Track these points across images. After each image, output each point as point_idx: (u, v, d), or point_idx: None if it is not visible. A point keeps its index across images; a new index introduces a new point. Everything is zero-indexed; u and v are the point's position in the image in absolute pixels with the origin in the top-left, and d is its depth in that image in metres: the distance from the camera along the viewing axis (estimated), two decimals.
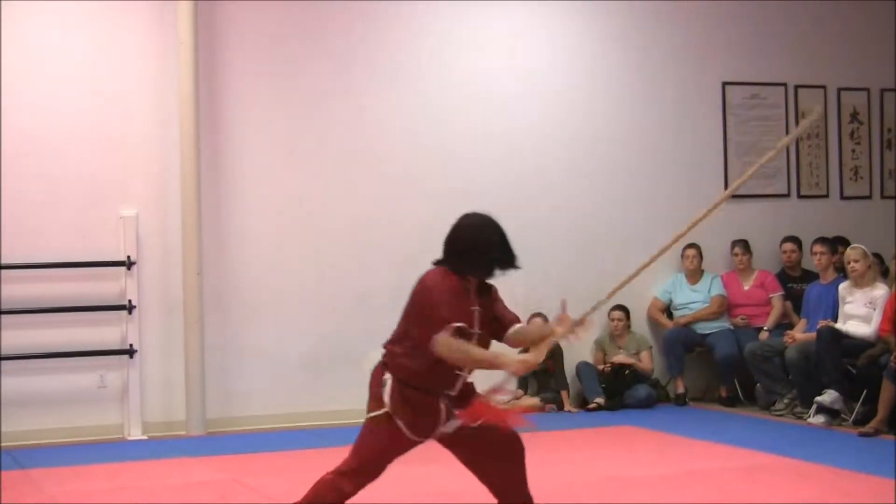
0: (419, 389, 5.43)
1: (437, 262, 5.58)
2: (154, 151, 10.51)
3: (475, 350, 5.36)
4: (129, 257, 10.32)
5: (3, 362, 9.89)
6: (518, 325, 5.65)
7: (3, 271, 9.93)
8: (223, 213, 10.69)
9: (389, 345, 5.58)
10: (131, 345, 10.31)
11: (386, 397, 5.46)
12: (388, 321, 5.69)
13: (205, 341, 10.41)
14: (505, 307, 5.68)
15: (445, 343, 5.25)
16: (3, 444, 9.60)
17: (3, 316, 9.91)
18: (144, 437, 10.22)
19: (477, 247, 5.47)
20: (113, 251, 10.31)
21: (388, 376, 5.47)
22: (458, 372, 5.44)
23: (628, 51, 12.02)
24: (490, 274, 5.54)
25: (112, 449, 9.79)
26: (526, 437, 5.65)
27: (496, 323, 5.59)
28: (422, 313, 5.40)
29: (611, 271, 10.13)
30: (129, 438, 10.21)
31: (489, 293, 5.61)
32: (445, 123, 11.39)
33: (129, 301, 10.29)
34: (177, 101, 10.38)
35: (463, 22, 11.50)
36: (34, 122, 10.18)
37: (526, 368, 5.45)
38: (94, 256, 10.24)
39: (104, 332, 10.30)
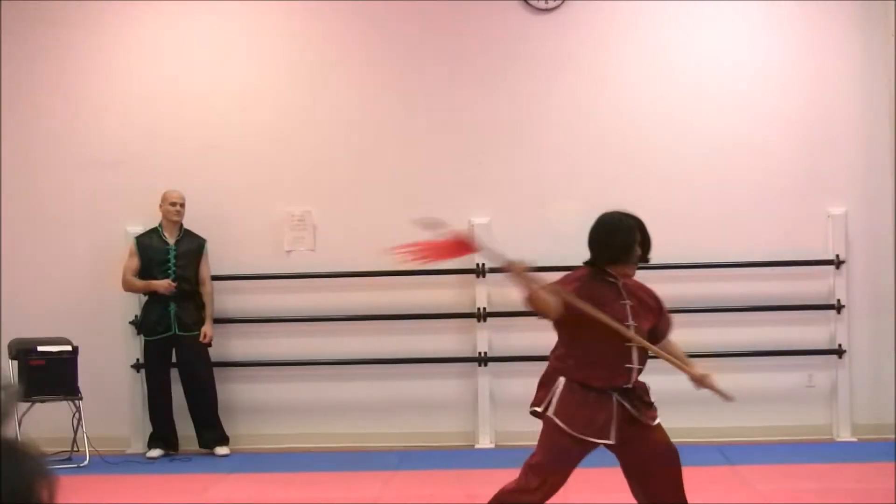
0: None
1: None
2: (862, 148, 10.24)
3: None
4: (837, 256, 10.13)
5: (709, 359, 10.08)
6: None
7: (717, 269, 10.14)
8: None
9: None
10: (840, 345, 10.13)
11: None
12: None
13: None
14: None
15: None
16: (713, 440, 9.82)
17: (715, 314, 10.11)
18: (853, 439, 9.99)
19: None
20: (821, 250, 10.19)
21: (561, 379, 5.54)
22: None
23: None
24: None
25: (819, 449, 9.66)
26: None
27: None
28: None
29: None
30: (838, 440, 10.02)
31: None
32: None
33: (838, 301, 10.10)
34: (887, 98, 10.05)
35: None
36: (740, 120, 10.29)
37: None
38: (801, 255, 10.17)
39: (812, 331, 10.19)
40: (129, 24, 10.58)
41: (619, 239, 5.58)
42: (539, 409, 5.56)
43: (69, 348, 9.75)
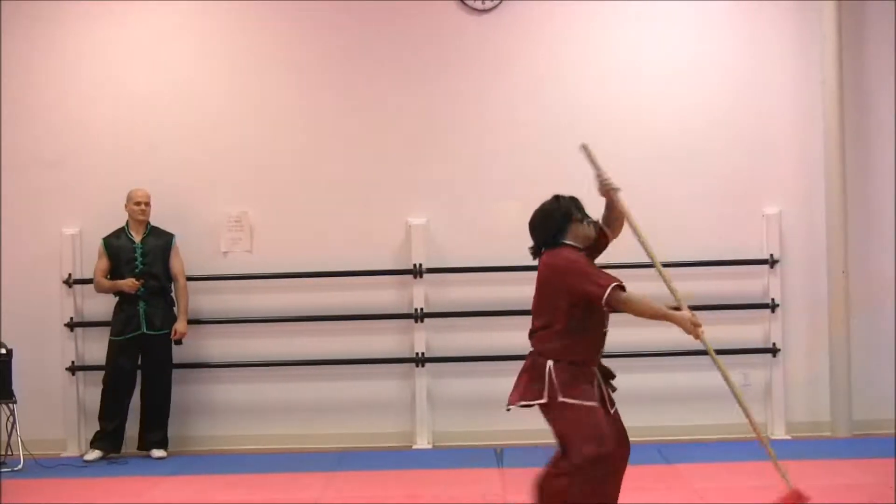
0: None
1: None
2: (797, 149, 10.34)
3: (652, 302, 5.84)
4: (771, 255, 10.23)
5: (644, 358, 10.15)
6: None
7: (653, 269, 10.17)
8: (871, 210, 10.32)
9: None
10: (774, 344, 10.23)
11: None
12: None
13: (851, 341, 10.11)
14: None
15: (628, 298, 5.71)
16: (651, 439, 9.88)
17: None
18: (788, 437, 10.09)
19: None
20: (756, 249, 10.28)
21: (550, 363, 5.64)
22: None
23: None
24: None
25: (755, 447, 9.69)
26: None
27: None
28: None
29: None
30: (773, 438, 10.11)
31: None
32: None
33: (773, 300, 10.21)
34: (820, 97, 10.16)
35: None
36: (676, 121, 10.38)
37: (694, 330, 5.95)
38: (736, 255, 10.26)
39: (747, 330, 10.28)
40: (66, 24, 10.47)
41: (564, 207, 6.28)
42: (543, 401, 5.58)
43: (3, 351, 9.61)
